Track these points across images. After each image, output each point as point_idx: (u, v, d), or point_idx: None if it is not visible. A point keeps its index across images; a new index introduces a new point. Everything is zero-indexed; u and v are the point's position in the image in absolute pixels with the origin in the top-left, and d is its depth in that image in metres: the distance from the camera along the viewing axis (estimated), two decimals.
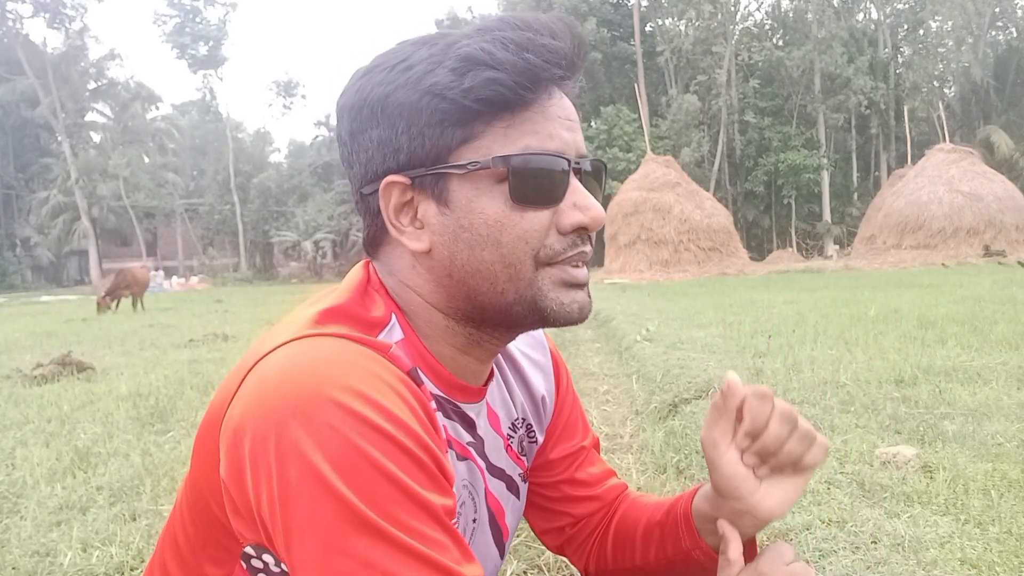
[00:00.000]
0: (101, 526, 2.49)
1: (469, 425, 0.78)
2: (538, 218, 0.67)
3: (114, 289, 16.18)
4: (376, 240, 0.75)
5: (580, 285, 0.71)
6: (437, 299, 0.72)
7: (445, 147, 0.66)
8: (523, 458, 0.90)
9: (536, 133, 0.66)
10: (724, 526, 0.78)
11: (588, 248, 0.72)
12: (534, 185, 0.66)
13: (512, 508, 0.88)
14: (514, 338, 0.79)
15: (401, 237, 0.70)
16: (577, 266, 0.71)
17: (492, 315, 0.71)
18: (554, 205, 0.68)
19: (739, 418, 0.75)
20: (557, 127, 0.68)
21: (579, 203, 0.69)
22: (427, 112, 0.65)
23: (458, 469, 0.76)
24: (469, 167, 0.66)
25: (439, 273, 0.70)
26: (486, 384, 0.80)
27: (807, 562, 0.81)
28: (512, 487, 0.87)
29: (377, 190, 0.70)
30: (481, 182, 0.66)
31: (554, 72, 0.66)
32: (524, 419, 0.90)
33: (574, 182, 0.70)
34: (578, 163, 0.70)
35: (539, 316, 0.70)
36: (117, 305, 16.34)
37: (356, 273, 0.75)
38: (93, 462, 3.34)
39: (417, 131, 0.66)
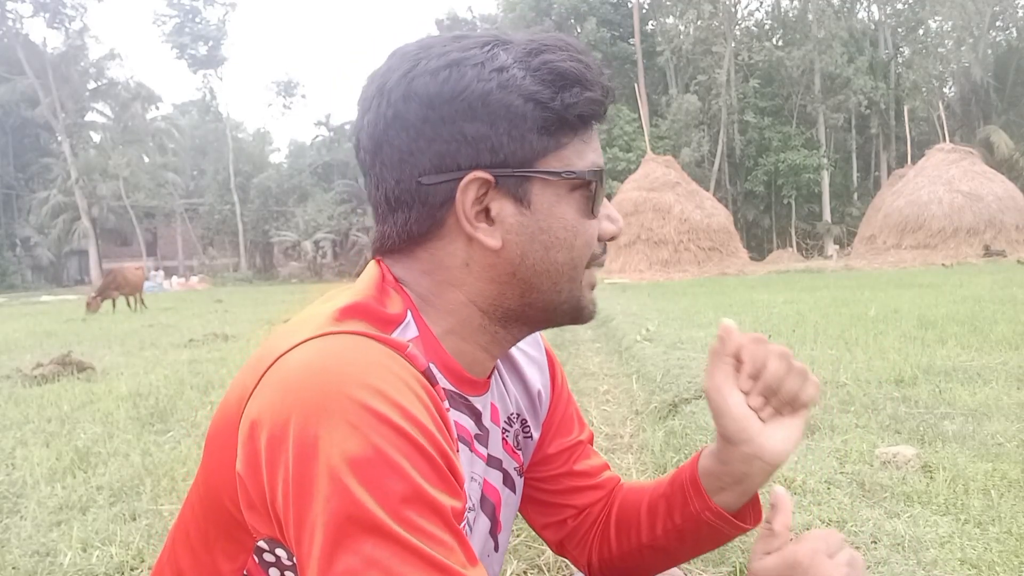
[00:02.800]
0: (101, 526, 2.49)
1: (476, 417, 0.80)
2: (593, 227, 0.75)
3: (104, 289, 15.96)
4: (425, 233, 0.73)
5: (594, 286, 0.80)
6: (484, 296, 0.74)
7: (538, 152, 0.71)
8: (519, 452, 0.91)
9: (596, 149, 0.75)
10: (777, 493, 0.76)
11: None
12: (599, 197, 0.75)
13: (507, 501, 0.89)
14: (528, 335, 0.83)
15: (476, 233, 0.71)
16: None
17: (535, 312, 0.76)
18: (597, 216, 0.76)
19: (737, 367, 0.80)
20: (599, 144, 0.77)
21: (610, 215, 0.78)
22: (531, 118, 0.69)
23: (465, 461, 0.77)
24: (564, 175, 0.71)
25: (501, 271, 0.73)
26: (489, 377, 0.82)
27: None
28: (508, 481, 0.88)
29: (444, 182, 0.70)
30: (561, 189, 0.72)
31: (612, 96, 0.74)
32: (519, 414, 0.91)
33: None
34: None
35: (577, 314, 0.78)
36: (114, 305, 16.25)
37: (371, 270, 0.76)
38: (93, 462, 3.34)
39: (519, 134, 0.69)
